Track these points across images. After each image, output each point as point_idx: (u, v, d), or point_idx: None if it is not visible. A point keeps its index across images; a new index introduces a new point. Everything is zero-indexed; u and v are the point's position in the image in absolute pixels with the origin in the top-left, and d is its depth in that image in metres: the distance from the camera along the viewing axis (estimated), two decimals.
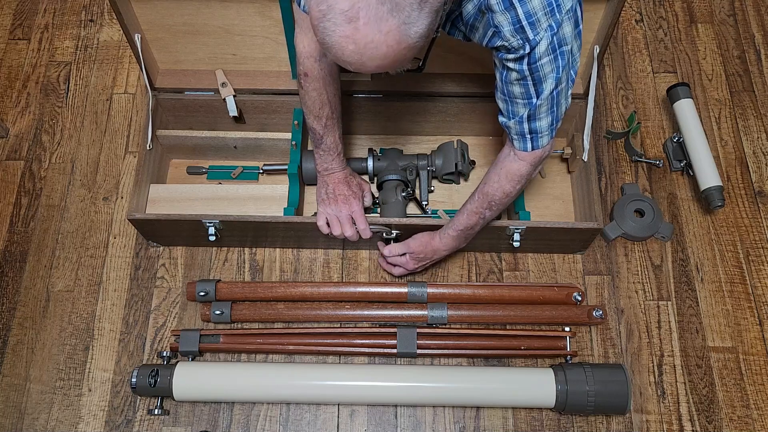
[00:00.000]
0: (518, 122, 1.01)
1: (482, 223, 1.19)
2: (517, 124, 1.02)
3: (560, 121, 1.03)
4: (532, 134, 1.03)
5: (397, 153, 1.41)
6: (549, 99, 0.97)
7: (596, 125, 1.53)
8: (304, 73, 1.11)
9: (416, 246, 1.26)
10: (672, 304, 1.36)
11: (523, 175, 1.09)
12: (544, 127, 1.01)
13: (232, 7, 1.26)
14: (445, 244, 1.24)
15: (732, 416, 1.26)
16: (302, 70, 1.11)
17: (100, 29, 1.70)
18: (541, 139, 1.04)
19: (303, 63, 1.10)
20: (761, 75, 1.62)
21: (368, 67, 0.80)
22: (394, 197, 1.35)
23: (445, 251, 1.26)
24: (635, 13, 1.71)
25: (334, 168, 1.25)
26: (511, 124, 1.02)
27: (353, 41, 0.76)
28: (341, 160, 1.26)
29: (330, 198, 1.27)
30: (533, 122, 1.00)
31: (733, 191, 1.48)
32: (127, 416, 1.26)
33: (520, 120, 1.01)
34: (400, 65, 0.82)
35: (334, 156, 1.24)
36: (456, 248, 1.27)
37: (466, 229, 1.20)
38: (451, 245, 1.25)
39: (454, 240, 1.23)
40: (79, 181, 1.50)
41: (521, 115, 1.00)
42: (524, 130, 1.02)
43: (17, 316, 1.35)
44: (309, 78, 1.11)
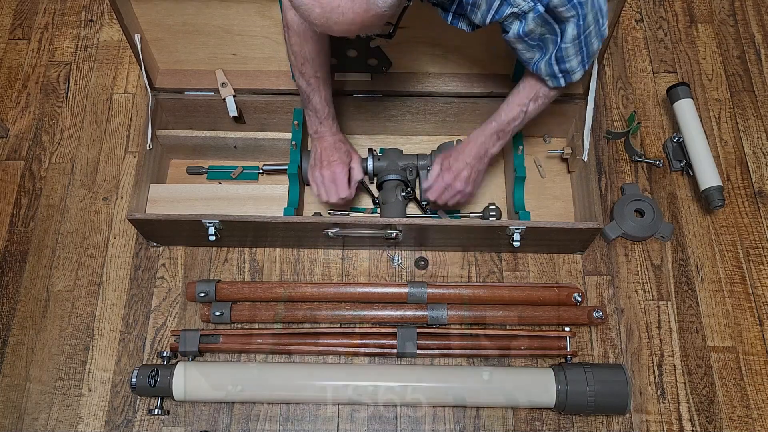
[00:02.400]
0: (548, 63, 1.02)
1: (522, 117, 1.15)
2: (548, 65, 1.02)
3: (593, 56, 1.03)
4: (564, 73, 1.04)
5: (397, 153, 1.41)
6: (575, 43, 0.97)
7: (596, 125, 1.53)
8: (286, 25, 1.11)
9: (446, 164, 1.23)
10: (672, 304, 1.36)
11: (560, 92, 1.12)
12: (575, 66, 1.02)
13: (232, 7, 1.26)
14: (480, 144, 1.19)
15: (732, 416, 1.26)
16: (285, 21, 1.11)
17: (100, 29, 1.70)
18: (573, 75, 1.04)
19: (286, 14, 1.10)
20: (761, 75, 1.62)
21: (334, 31, 0.80)
22: (394, 197, 1.35)
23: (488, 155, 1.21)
24: (635, 13, 1.71)
25: (323, 132, 1.25)
26: (542, 65, 1.03)
27: (320, 5, 0.77)
28: (330, 125, 1.25)
29: (316, 162, 1.28)
30: (563, 63, 1.01)
31: (733, 191, 1.48)
32: (127, 416, 1.26)
33: (549, 61, 1.01)
34: (368, 31, 0.82)
35: (322, 119, 1.23)
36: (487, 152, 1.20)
37: (505, 124, 1.16)
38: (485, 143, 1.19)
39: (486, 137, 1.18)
40: (79, 181, 1.50)
41: (549, 55, 1.00)
42: (554, 71, 1.03)
43: (17, 316, 1.35)
44: (290, 31, 1.12)
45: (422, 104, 1.41)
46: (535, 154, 1.50)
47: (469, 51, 1.34)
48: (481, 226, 1.28)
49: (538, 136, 1.51)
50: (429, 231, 1.30)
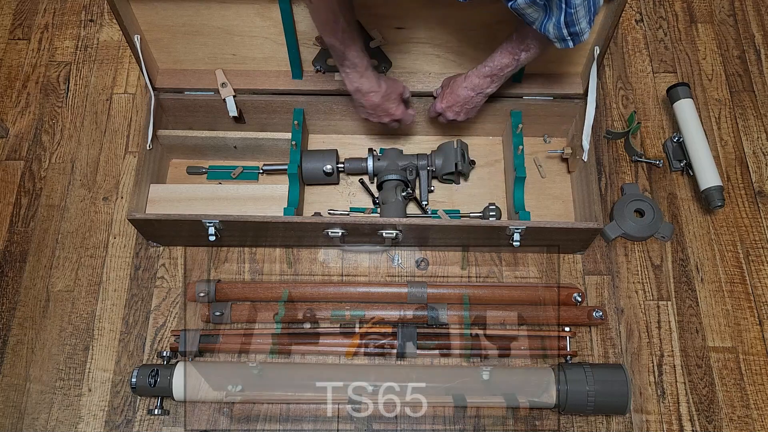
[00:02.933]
0: (557, 27, 1.02)
1: (515, 65, 1.18)
2: (556, 29, 1.02)
3: (597, 12, 1.03)
4: (573, 36, 1.04)
5: (397, 153, 1.41)
6: (584, 3, 0.97)
7: (596, 125, 1.53)
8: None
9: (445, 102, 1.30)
10: (672, 304, 1.36)
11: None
12: (584, 27, 1.02)
13: (232, 8, 1.26)
14: (471, 83, 1.24)
15: (732, 416, 1.26)
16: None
17: (100, 29, 1.70)
18: (583, 36, 1.04)
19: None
20: (761, 75, 1.62)
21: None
22: (394, 197, 1.35)
23: (473, 93, 1.25)
24: (635, 13, 1.71)
25: (365, 87, 1.23)
26: (550, 28, 1.03)
27: None
28: (371, 78, 1.23)
29: (371, 114, 1.32)
30: (573, 26, 1.01)
31: (733, 191, 1.48)
32: (127, 416, 1.26)
33: (558, 25, 1.01)
34: None
35: (362, 71, 1.20)
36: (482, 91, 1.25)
37: (497, 69, 1.19)
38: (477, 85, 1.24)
39: (480, 79, 1.23)
40: (79, 181, 1.50)
41: (557, 18, 1.00)
42: (563, 34, 1.03)
43: (17, 316, 1.35)
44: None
45: (422, 104, 1.41)
46: (535, 154, 1.50)
47: (469, 51, 1.34)
48: (481, 226, 1.28)
49: (538, 136, 1.51)
50: (429, 231, 1.30)
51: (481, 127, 1.48)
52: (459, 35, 1.31)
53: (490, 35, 1.29)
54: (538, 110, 1.42)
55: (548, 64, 1.37)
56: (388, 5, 1.24)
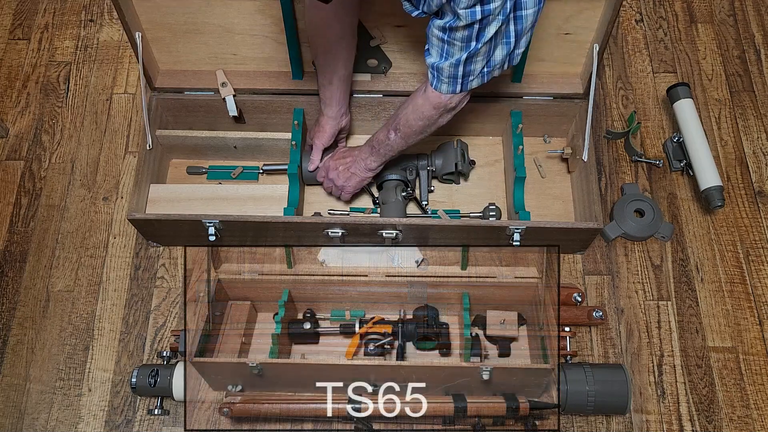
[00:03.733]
0: (453, 65, 1.01)
1: (388, 143, 1.22)
2: (453, 67, 1.01)
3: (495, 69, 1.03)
4: (464, 78, 1.03)
5: None
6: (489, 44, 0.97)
7: (596, 125, 1.53)
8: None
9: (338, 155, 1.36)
10: (672, 304, 1.36)
11: (431, 107, 1.12)
12: (477, 70, 1.02)
13: (233, 5, 1.26)
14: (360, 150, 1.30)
15: (732, 416, 1.26)
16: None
17: (100, 29, 1.70)
18: (471, 83, 1.04)
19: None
20: (761, 75, 1.62)
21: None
22: (393, 197, 1.35)
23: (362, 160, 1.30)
24: (635, 13, 1.71)
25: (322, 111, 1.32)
26: (445, 65, 1.02)
27: None
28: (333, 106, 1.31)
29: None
30: (469, 65, 1.01)
31: (733, 191, 1.48)
32: (127, 416, 1.26)
33: (456, 63, 1.00)
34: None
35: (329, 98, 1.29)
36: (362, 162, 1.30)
37: (375, 142, 1.25)
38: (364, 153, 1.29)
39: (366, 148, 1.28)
40: (79, 181, 1.50)
41: (458, 57, 0.99)
42: (458, 74, 1.02)
43: (17, 316, 1.35)
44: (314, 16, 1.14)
45: None
46: (535, 154, 1.50)
47: None
48: (482, 226, 1.28)
49: (538, 136, 1.51)
50: (429, 231, 1.30)
51: (481, 127, 1.48)
52: None
53: None
54: (538, 110, 1.42)
55: (548, 65, 1.37)
56: (388, 3, 1.24)
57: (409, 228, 1.27)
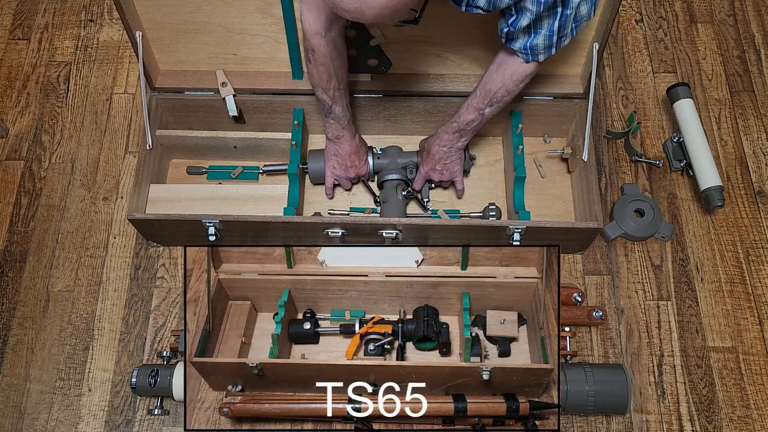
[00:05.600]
0: (547, 36, 1.05)
1: (480, 120, 1.24)
2: (547, 38, 1.06)
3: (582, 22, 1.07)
4: (560, 40, 1.07)
5: (397, 150, 1.42)
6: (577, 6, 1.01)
7: (596, 125, 1.53)
8: (311, 49, 1.14)
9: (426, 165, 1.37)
10: (672, 304, 1.36)
11: (529, 75, 1.17)
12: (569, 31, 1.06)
13: (234, 4, 1.26)
14: (442, 140, 1.31)
15: (732, 416, 1.26)
16: (309, 45, 1.13)
17: (100, 29, 1.70)
18: (565, 41, 1.08)
19: (309, 40, 1.12)
20: (761, 75, 1.62)
21: (367, 16, 0.83)
22: (394, 196, 1.35)
23: (445, 148, 1.32)
24: (635, 13, 1.71)
25: (345, 136, 1.32)
26: (540, 41, 1.06)
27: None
28: (351, 129, 1.32)
29: (341, 165, 1.37)
30: (563, 30, 1.05)
31: (733, 191, 1.48)
32: (127, 416, 1.26)
33: (549, 33, 1.05)
34: (398, 15, 0.87)
35: (344, 124, 1.29)
36: (453, 146, 1.31)
37: (463, 124, 1.26)
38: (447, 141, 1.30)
39: (449, 135, 1.29)
40: (79, 181, 1.50)
41: (551, 26, 1.04)
42: (553, 42, 1.07)
43: (17, 316, 1.35)
44: (316, 54, 1.14)
45: (422, 104, 1.41)
46: (535, 154, 1.50)
47: (469, 51, 1.34)
48: (482, 226, 1.28)
49: (538, 135, 1.51)
50: (429, 231, 1.30)
51: (482, 127, 1.48)
52: (459, 33, 1.31)
53: (490, 34, 1.29)
54: (538, 110, 1.42)
55: (548, 65, 1.37)
56: None
57: (409, 228, 1.27)
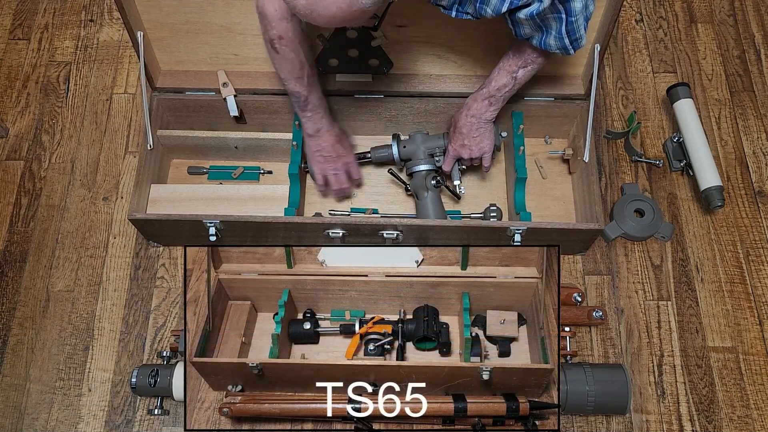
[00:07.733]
0: (558, 38, 1.06)
1: (512, 84, 1.20)
2: (558, 40, 1.07)
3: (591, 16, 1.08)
4: (574, 42, 1.08)
5: (423, 136, 1.37)
6: (583, 13, 1.02)
7: (596, 125, 1.53)
8: (278, 37, 1.11)
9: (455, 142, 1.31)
10: (672, 304, 1.36)
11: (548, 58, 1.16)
12: (583, 32, 1.07)
13: (235, 5, 1.26)
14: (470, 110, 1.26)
15: (732, 416, 1.26)
16: (276, 33, 1.11)
17: (100, 29, 1.70)
18: (582, 41, 1.09)
19: (276, 27, 1.10)
20: (761, 75, 1.62)
21: (318, 22, 0.85)
22: (424, 189, 1.33)
23: (474, 119, 1.26)
24: (635, 13, 1.71)
25: (325, 127, 1.30)
26: (551, 41, 1.07)
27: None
28: (329, 118, 1.30)
29: (327, 158, 1.34)
30: (573, 34, 1.06)
31: (733, 191, 1.48)
32: (127, 416, 1.26)
33: (559, 36, 1.06)
34: (352, 24, 0.90)
35: (323, 113, 1.27)
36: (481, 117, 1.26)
37: (495, 90, 1.21)
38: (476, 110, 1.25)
39: (478, 103, 1.24)
40: (79, 181, 1.50)
41: (557, 31, 1.05)
42: (566, 43, 1.07)
43: (17, 316, 1.35)
44: (284, 40, 1.12)
45: (423, 105, 1.41)
46: (536, 155, 1.50)
47: (471, 52, 1.34)
48: (482, 227, 1.28)
49: (539, 136, 1.51)
50: (429, 231, 1.30)
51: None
52: (460, 34, 1.31)
53: (491, 35, 1.29)
54: (539, 111, 1.42)
55: (549, 66, 1.37)
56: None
57: (410, 228, 1.28)
